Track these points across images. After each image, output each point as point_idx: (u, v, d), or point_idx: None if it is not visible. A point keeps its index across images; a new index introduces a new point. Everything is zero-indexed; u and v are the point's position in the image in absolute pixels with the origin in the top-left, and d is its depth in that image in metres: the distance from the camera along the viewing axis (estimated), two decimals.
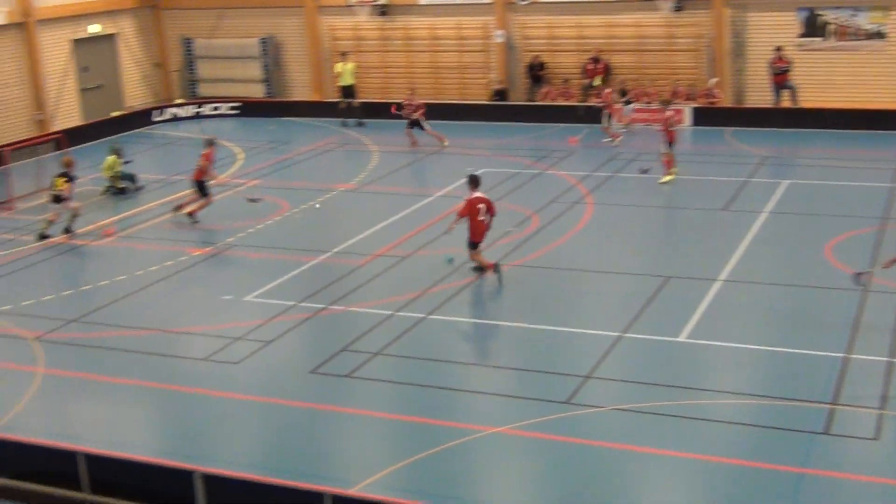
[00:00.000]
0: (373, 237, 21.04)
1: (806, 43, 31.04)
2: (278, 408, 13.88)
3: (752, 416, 13.05)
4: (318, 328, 16.53)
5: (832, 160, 26.01)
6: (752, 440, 12.48)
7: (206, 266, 19.71)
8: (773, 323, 16.13)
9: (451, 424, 13.11)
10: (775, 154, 27.16)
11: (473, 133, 31.19)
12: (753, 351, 15.00)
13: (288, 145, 30.46)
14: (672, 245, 20.01)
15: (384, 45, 35.47)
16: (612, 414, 13.22)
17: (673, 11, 31.82)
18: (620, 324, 15.90)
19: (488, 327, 16.45)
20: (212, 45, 37.45)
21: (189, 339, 16.32)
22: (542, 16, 33.56)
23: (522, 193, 23.92)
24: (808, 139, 28.78)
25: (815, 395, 13.33)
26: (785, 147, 27.99)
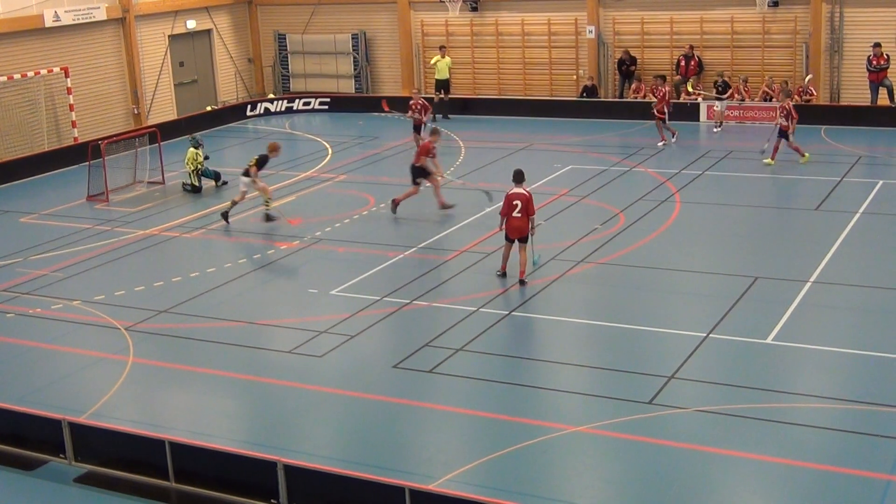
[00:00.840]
0: (459, 233, 21.08)
1: None
2: (360, 401, 14.00)
3: (840, 421, 12.78)
4: (401, 323, 16.62)
5: None
6: (839, 445, 12.22)
7: (293, 260, 19.96)
8: (863, 325, 15.77)
9: (532, 422, 13.08)
10: (870, 153, 26.53)
11: (562, 129, 31.05)
12: (842, 354, 14.68)
13: (376, 140, 30.66)
14: (761, 245, 19.66)
15: (475, 41, 35.50)
16: (695, 415, 13.05)
17: (769, 7, 31.26)
18: (706, 324, 15.69)
19: (572, 325, 16.36)
20: (304, 40, 37.90)
21: (274, 331, 16.55)
22: (633, 11, 33.26)
23: (609, 191, 23.75)
24: None
25: None
26: (881, 146, 27.31)
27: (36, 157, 28.99)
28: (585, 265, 18.72)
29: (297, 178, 26.36)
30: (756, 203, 22.62)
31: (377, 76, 37.41)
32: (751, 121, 29.62)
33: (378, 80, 37.34)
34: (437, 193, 22.52)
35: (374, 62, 37.36)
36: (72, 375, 15.29)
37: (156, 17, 34.20)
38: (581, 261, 18.90)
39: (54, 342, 16.42)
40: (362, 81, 37.23)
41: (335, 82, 37.67)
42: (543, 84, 34.92)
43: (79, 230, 22.51)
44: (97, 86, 32.38)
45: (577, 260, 18.93)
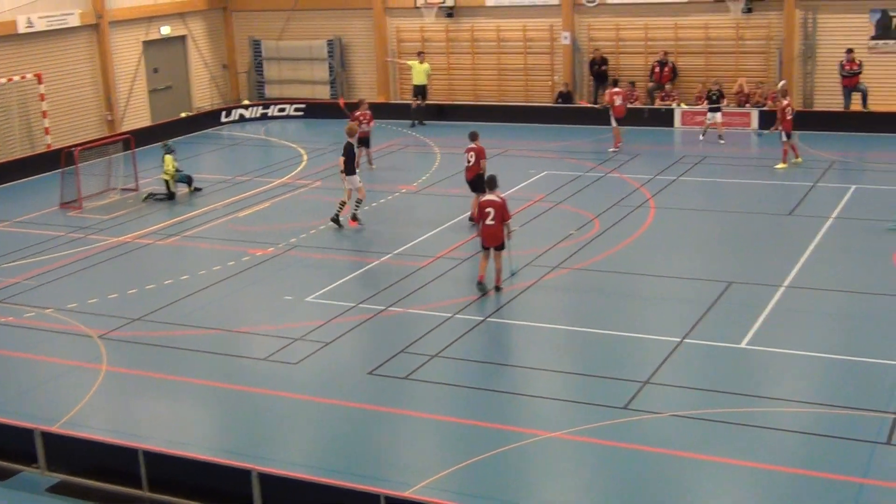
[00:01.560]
0: (434, 239, 21.07)
1: (878, 45, 30.48)
2: (336, 408, 13.97)
3: (813, 425, 12.84)
4: (377, 329, 16.59)
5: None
6: (813, 449, 12.28)
7: (268, 266, 19.90)
8: (836, 330, 15.87)
9: (508, 428, 13.08)
10: (843, 158, 26.71)
11: (537, 135, 31.12)
12: (815, 358, 14.75)
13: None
14: (735, 250, 19.75)
15: (450, 48, 35.54)
16: (670, 420, 13.09)
17: (743, 13, 31.46)
18: (681, 329, 15.75)
19: (547, 331, 16.38)
20: (279, 46, 37.84)
21: (250, 338, 16.48)
22: (608, 17, 33.39)
23: (584, 196, 23.81)
24: (877, 143, 28.25)
25: (877, 405, 13.08)
26: (853, 151, 27.51)
27: (8, 164, 28.80)
28: (561, 271, 18.75)
29: (272, 185, 26.30)
30: (730, 208, 22.73)
31: (353, 82, 37.37)
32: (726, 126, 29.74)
33: (354, 86, 37.30)
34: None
35: (350, 68, 37.34)
36: (44, 384, 15.18)
37: (130, 23, 34.05)
38: (556, 266, 18.94)
39: (27, 351, 16.29)
40: (338, 87, 37.19)
41: (311, 88, 37.61)
42: (519, 90, 34.99)
43: (52, 238, 22.37)
44: (70, 92, 32.20)
45: (552, 266, 18.97)
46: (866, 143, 28.36)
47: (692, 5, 32.19)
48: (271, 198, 25.07)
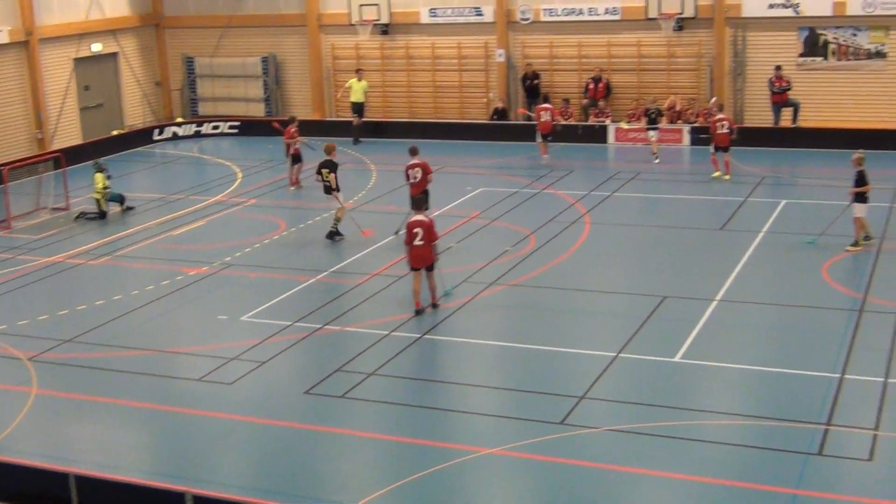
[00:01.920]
0: (369, 256, 21.02)
1: (806, 62, 31.09)
2: (272, 428, 13.84)
3: (747, 437, 12.99)
4: (313, 348, 16.49)
5: (830, 180, 25.93)
6: (747, 461, 12.41)
7: (203, 286, 19.69)
8: (768, 343, 16.09)
9: (445, 445, 13.06)
10: (773, 173, 27.15)
11: (473, 152, 31.23)
12: (748, 371, 14.94)
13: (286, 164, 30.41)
14: (669, 265, 19.97)
15: (385, 65, 35.56)
16: (606, 435, 13.16)
17: (674, 31, 31.89)
18: (616, 344, 15.86)
19: (484, 347, 16.40)
20: (213, 63, 37.58)
21: (184, 359, 16.29)
22: (542, 35, 33.64)
23: (520, 213, 23.92)
24: (806, 158, 28.78)
25: (809, 416, 13.28)
26: (783, 166, 28.00)
27: None
28: (497, 287, 18.81)
29: (206, 203, 26.07)
30: (663, 223, 22.98)
31: (287, 99, 37.22)
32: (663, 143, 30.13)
33: (288, 103, 37.14)
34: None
35: (285, 85, 37.19)
36: None
37: (60, 40, 33.60)
38: (493, 283, 18.98)
39: None
40: (272, 105, 37.02)
41: (245, 106, 37.39)
42: (454, 107, 35.10)
43: None
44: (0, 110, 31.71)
45: (488, 282, 19.01)
46: (795, 158, 28.87)
47: (624, 23, 32.56)
48: (205, 216, 24.84)
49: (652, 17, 31.64)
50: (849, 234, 20.10)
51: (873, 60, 30.52)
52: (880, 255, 19.68)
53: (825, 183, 25.81)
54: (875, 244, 20.23)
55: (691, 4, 31.25)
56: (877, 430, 12.83)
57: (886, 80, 30.40)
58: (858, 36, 30.48)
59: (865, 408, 13.47)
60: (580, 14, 32.87)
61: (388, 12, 34.53)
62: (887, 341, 15.55)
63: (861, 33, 30.43)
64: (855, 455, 12.33)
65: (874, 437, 12.68)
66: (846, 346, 15.45)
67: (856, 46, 30.59)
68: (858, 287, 17.96)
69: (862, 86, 30.66)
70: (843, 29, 30.61)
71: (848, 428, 12.98)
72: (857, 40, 30.53)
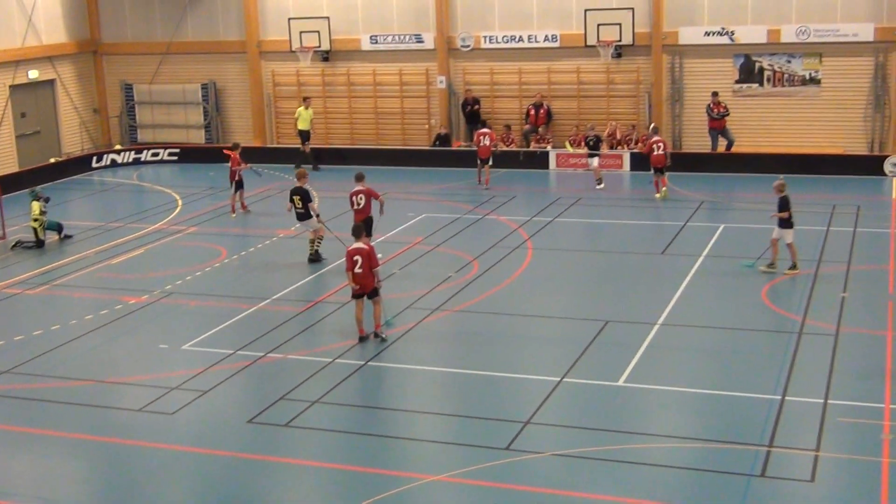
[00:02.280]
0: (313, 283, 20.92)
1: (742, 89, 31.61)
2: (215, 458, 13.67)
3: (690, 460, 13.07)
4: (255, 377, 16.33)
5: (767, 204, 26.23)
6: (690, 483, 12.49)
7: (143, 315, 19.44)
8: (710, 366, 16.24)
9: (390, 473, 12.99)
10: (712, 198, 27.51)
11: (415, 178, 31.27)
12: (691, 394, 15.07)
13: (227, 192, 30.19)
14: (611, 289, 20.12)
15: (326, 91, 35.54)
16: (551, 459, 13.17)
17: (613, 58, 32.26)
18: (560, 369, 15.91)
19: (428, 373, 16.36)
20: (152, 90, 37.31)
21: (124, 389, 16.05)
22: (483, 62, 33.87)
23: (463, 239, 23.98)
24: (744, 183, 29.21)
25: (752, 438, 13.41)
26: (721, 191, 28.38)
27: None
28: (440, 313, 18.80)
29: (145, 231, 25.79)
30: (605, 248, 23.17)
31: (228, 126, 37.04)
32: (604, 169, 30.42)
33: (229, 130, 36.97)
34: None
35: (225, 112, 37.01)
36: None
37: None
38: (436, 309, 18.97)
39: None
40: (213, 132, 36.80)
41: (185, 133, 37.14)
42: (396, 133, 35.16)
43: None
44: None
45: (431, 308, 19.00)
46: (733, 183, 29.29)
47: (564, 50, 32.89)
48: (145, 244, 24.57)
49: (591, 44, 31.98)
50: (786, 258, 20.39)
51: (807, 87, 31.12)
52: (818, 278, 19.99)
53: (762, 207, 26.08)
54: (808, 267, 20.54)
55: (629, 32, 31.65)
56: (818, 451, 12.98)
57: (820, 106, 31.02)
58: (793, 63, 31.08)
59: (806, 429, 13.64)
60: (520, 41, 33.14)
61: (329, 39, 34.54)
62: (826, 363, 15.78)
63: (795, 60, 31.04)
64: (797, 476, 12.46)
65: (815, 458, 12.83)
66: (786, 368, 15.65)
67: (790, 73, 31.18)
68: (797, 310, 18.22)
69: (796, 112, 31.26)
70: (777, 56, 31.19)
71: (789, 449, 13.13)
72: (791, 67, 31.12)
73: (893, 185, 28.35)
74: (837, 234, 23.20)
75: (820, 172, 29.69)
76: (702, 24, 31.55)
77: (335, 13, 34.61)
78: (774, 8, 30.85)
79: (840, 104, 30.87)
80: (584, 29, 31.98)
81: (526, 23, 33.06)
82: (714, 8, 31.38)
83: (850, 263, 20.92)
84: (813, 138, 31.09)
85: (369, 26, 34.54)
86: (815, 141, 31.06)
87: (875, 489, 12.08)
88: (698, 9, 31.55)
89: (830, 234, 23.21)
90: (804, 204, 26.08)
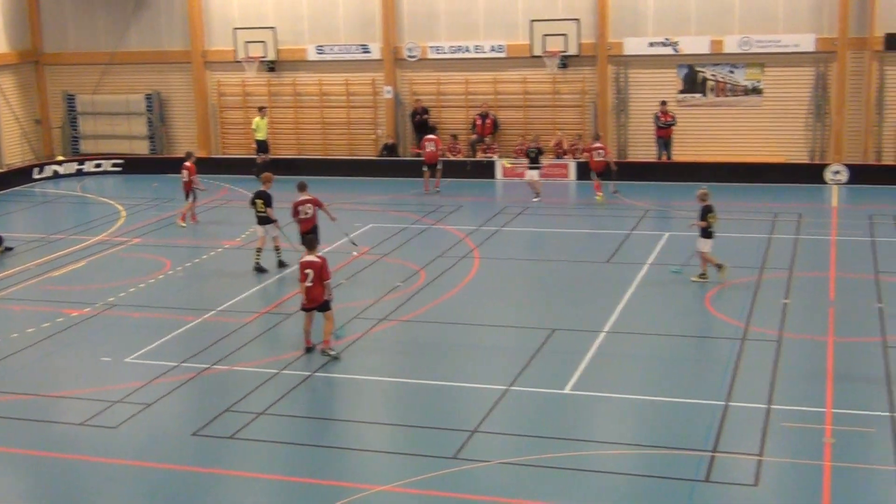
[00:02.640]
0: (258, 294, 20.79)
1: (686, 99, 31.94)
2: (159, 472, 13.49)
3: (636, 466, 13.15)
4: (200, 389, 16.17)
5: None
6: (636, 490, 12.56)
7: (85, 327, 19.19)
8: (655, 373, 16.34)
9: (337, 484, 12.91)
10: (657, 207, 27.75)
11: (362, 189, 31.20)
12: (637, 401, 15.16)
13: (171, 203, 29.96)
14: (557, 298, 20.19)
15: (273, 101, 35.38)
16: (498, 468, 13.18)
17: (559, 68, 32.45)
18: (507, 377, 15.92)
19: (375, 384, 16.31)
20: (95, 100, 36.91)
21: (66, 403, 15.81)
22: (430, 72, 33.91)
23: (410, 248, 23.96)
24: (688, 192, 29.31)
25: (696, 444, 13.51)
26: (665, 200, 28.62)
27: None
28: (387, 323, 18.75)
29: (88, 243, 25.47)
30: (551, 257, 23.27)
31: (173, 137, 36.74)
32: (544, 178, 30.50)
33: (174, 141, 36.68)
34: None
35: (169, 123, 36.70)
36: None
37: None
38: (383, 319, 18.93)
39: None
40: (157, 142, 36.47)
41: (128, 143, 36.76)
42: (343, 143, 35.09)
43: None
44: None
45: (378, 318, 18.95)
46: (676, 191, 29.53)
47: (510, 60, 33.04)
48: (88, 256, 24.26)
49: (537, 54, 32.16)
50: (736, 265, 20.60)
51: (749, 97, 31.53)
52: (760, 284, 20.22)
53: None
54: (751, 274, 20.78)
55: (574, 43, 31.87)
56: (761, 456, 13.11)
57: (762, 116, 31.44)
58: (735, 73, 31.47)
59: (750, 434, 13.76)
60: (466, 51, 33.25)
61: (275, 49, 34.41)
62: (769, 368, 15.95)
63: (738, 70, 31.43)
64: (741, 481, 12.57)
65: (759, 462, 12.96)
66: (730, 374, 15.80)
67: (733, 83, 31.58)
68: (740, 316, 18.40)
69: (739, 121, 31.66)
70: (720, 66, 31.57)
71: (733, 454, 13.24)
72: (734, 77, 31.52)
73: (834, 192, 28.80)
74: (780, 241, 23.50)
75: (762, 181, 30.10)
76: (646, 34, 31.86)
77: (281, 23, 34.49)
78: (717, 19, 31.24)
79: (782, 114, 31.32)
80: (531, 39, 32.16)
81: (472, 33, 33.17)
82: (658, 19, 31.70)
83: (792, 270, 21.19)
84: (756, 147, 31.50)
85: (315, 36, 34.45)
86: (758, 150, 31.47)
87: (817, 492, 12.23)
88: (642, 20, 31.86)
89: (773, 241, 23.50)
90: (747, 212, 26.46)
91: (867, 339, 17.03)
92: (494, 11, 32.89)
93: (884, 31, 30.07)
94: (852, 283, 20.32)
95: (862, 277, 20.59)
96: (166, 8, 35.77)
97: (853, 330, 17.69)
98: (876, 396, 14.80)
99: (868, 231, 24.24)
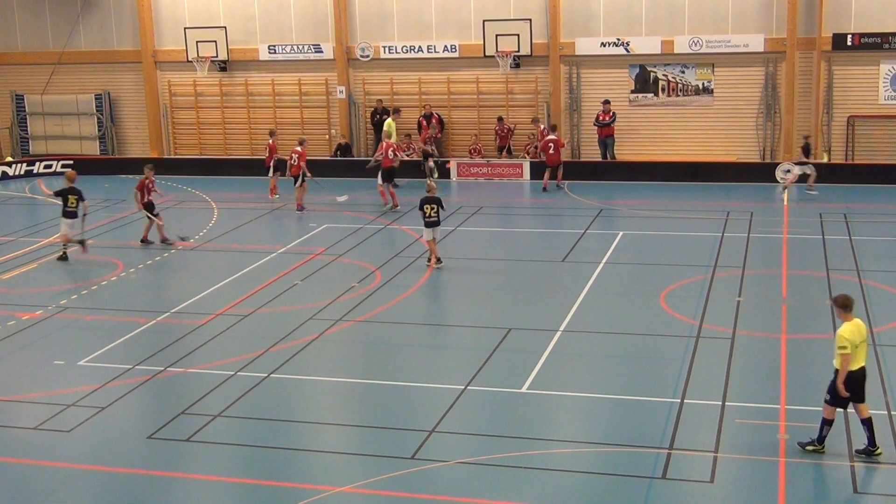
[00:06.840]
0: (213, 296, 20.64)
1: (638, 98, 32.18)
2: (114, 476, 13.34)
3: (592, 464, 13.22)
4: (155, 391, 16.02)
5: (664, 211, 26.89)
6: (593, 488, 12.62)
7: (37, 330, 18.94)
8: (611, 371, 16.45)
9: (295, 486, 12.85)
10: (610, 206, 27.92)
11: (316, 188, 31.03)
12: (593, 399, 15.24)
13: (123, 203, 29.65)
14: (514, 297, 20.25)
15: (224, 101, 35.16)
16: (456, 468, 13.18)
17: (512, 68, 32.55)
18: (464, 377, 15.94)
19: (331, 384, 16.26)
20: (44, 101, 36.47)
21: (18, 407, 15.58)
22: (383, 72, 33.89)
23: (365, 249, 23.92)
24: (641, 191, 29.72)
25: (653, 441, 13.60)
26: (618, 199, 28.82)
27: None
28: (343, 324, 18.70)
29: (39, 245, 25.16)
30: (507, 256, 23.33)
31: (123, 137, 36.40)
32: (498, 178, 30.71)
33: (124, 141, 36.35)
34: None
35: (120, 123, 36.35)
36: None
37: None
38: (339, 319, 18.87)
39: None
40: (108, 143, 36.10)
41: (79, 144, 36.35)
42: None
43: None
44: None
45: (334, 319, 18.89)
46: (630, 190, 29.79)
47: (463, 60, 33.10)
48: (38, 258, 23.95)
49: (490, 54, 32.24)
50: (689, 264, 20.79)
51: (700, 96, 31.86)
52: (713, 282, 20.43)
53: (658, 214, 26.70)
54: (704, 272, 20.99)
55: (527, 43, 31.99)
56: (716, 453, 13.23)
57: (713, 115, 31.79)
58: (686, 73, 31.76)
59: (705, 431, 13.89)
60: (419, 51, 33.26)
61: (226, 49, 34.21)
62: (723, 366, 16.11)
63: (689, 70, 31.74)
64: (697, 478, 12.68)
65: (714, 459, 13.07)
66: (685, 371, 15.93)
67: (684, 83, 31.88)
68: (694, 314, 18.57)
69: (691, 121, 31.99)
70: (671, 66, 31.85)
71: (689, 451, 13.35)
72: (685, 77, 31.82)
73: (785, 191, 29.15)
74: (732, 239, 23.75)
75: (714, 180, 30.42)
76: (598, 34, 32.07)
77: (232, 23, 34.29)
78: (668, 19, 31.52)
79: (733, 113, 31.67)
80: (483, 39, 32.24)
81: (425, 33, 33.19)
82: (609, 19, 31.92)
83: (745, 268, 21.43)
84: (707, 147, 31.83)
85: (267, 36, 34.30)
86: (710, 149, 31.80)
87: (773, 488, 12.36)
88: (594, 20, 32.06)
89: (725, 239, 23.73)
90: (700, 211, 26.71)
91: (820, 336, 17.25)
92: (447, 11, 32.94)
93: (831, 31, 30.52)
94: (804, 280, 20.59)
95: (814, 274, 20.87)
96: (115, 7, 35.44)
97: (806, 326, 17.93)
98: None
99: (819, 229, 24.59)
